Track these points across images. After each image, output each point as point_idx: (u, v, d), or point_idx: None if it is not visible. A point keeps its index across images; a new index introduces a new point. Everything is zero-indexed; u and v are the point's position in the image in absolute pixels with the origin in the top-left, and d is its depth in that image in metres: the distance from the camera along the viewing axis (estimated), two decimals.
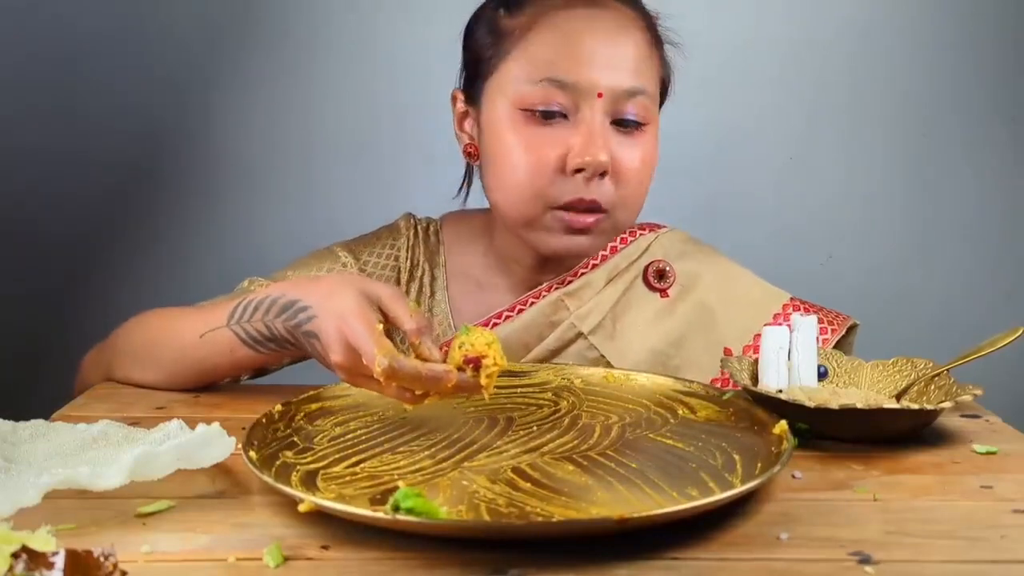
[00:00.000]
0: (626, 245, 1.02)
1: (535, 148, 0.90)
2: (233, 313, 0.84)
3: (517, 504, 0.60)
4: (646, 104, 0.92)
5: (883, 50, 1.65)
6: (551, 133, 0.90)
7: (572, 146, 0.89)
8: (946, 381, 0.80)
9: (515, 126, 0.91)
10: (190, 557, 0.55)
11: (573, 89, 0.89)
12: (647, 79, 0.92)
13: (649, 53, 0.93)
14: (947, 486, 0.67)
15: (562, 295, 0.99)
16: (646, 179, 0.94)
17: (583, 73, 0.89)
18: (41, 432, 0.73)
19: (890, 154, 1.68)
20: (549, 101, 0.89)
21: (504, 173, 0.92)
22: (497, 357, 0.71)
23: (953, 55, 1.65)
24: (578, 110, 0.90)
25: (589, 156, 0.88)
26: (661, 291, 1.00)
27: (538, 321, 0.99)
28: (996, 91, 1.67)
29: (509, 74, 0.92)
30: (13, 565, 0.43)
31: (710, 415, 0.78)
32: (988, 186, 1.69)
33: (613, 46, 0.90)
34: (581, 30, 0.90)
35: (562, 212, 0.90)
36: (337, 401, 0.81)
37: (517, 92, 0.90)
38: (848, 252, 1.68)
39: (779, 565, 0.54)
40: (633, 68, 0.90)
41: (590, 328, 0.98)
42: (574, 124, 0.90)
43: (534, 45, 0.91)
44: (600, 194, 0.90)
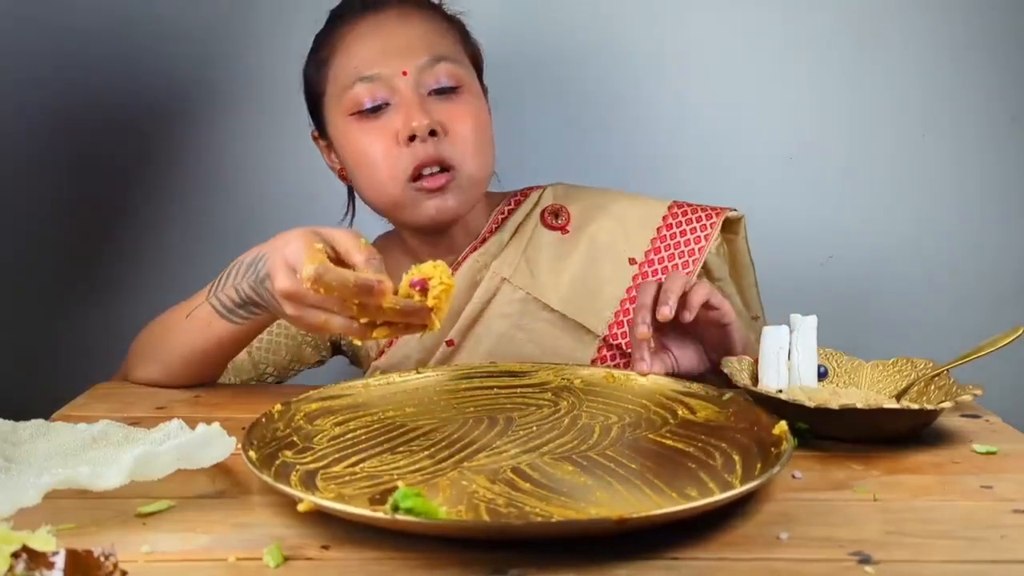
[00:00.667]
0: (519, 205, 1.11)
1: (374, 137, 0.99)
2: (212, 286, 0.89)
3: (516, 504, 0.60)
4: (451, 70, 1.01)
5: (883, 50, 1.65)
6: (383, 122, 0.99)
7: (400, 121, 0.98)
8: (946, 381, 0.80)
9: (354, 131, 1.01)
10: (190, 557, 0.55)
11: (382, 78, 0.99)
12: (445, 48, 1.02)
13: (442, 28, 1.04)
14: (947, 486, 0.67)
15: (478, 256, 1.07)
16: (479, 132, 1.01)
17: (385, 62, 0.99)
18: (41, 432, 0.73)
19: (890, 154, 1.68)
20: (369, 95, 0.99)
21: (362, 169, 1.01)
22: (444, 276, 0.72)
23: (953, 54, 1.65)
24: (395, 93, 0.99)
25: (414, 122, 0.97)
26: (560, 228, 1.09)
27: (462, 285, 1.05)
28: (996, 91, 1.67)
29: (333, 93, 1.03)
30: (13, 565, 0.43)
31: (710, 415, 0.78)
32: (988, 186, 1.69)
33: (403, 32, 1.01)
34: (373, 30, 1.01)
35: (416, 182, 0.98)
36: (337, 401, 0.81)
37: (342, 102, 1.01)
38: (848, 252, 1.67)
39: (779, 565, 0.54)
40: (427, 43, 1.01)
41: (510, 273, 1.06)
42: (396, 107, 0.99)
43: (341, 58, 1.02)
44: (438, 151, 0.98)
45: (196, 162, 1.64)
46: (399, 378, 0.85)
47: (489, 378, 0.87)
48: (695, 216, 1.10)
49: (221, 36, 1.61)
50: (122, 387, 0.94)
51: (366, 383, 0.84)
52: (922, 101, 1.66)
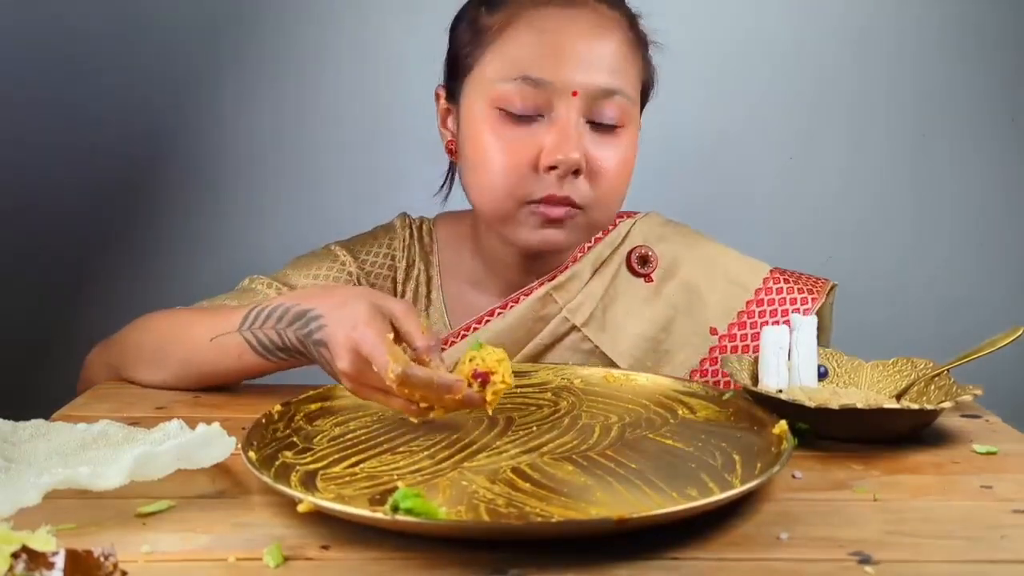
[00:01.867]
0: (606, 235, 1.03)
1: (510, 148, 0.90)
2: (246, 319, 0.84)
3: (516, 504, 0.60)
4: (623, 105, 0.91)
5: (883, 50, 1.65)
6: (526, 132, 0.90)
7: (545, 144, 0.89)
8: (946, 381, 0.80)
9: (492, 125, 0.91)
10: (190, 557, 0.55)
11: (548, 87, 0.89)
12: (625, 80, 0.92)
13: (628, 54, 0.93)
14: (947, 486, 0.67)
15: (550, 289, 1.00)
16: (622, 179, 0.94)
17: (558, 72, 0.89)
18: (41, 432, 0.73)
19: (890, 154, 1.68)
20: (524, 99, 0.89)
21: (480, 172, 0.92)
22: (506, 375, 0.72)
23: (954, 55, 1.65)
24: (553, 109, 0.89)
25: (561, 154, 0.88)
26: (645, 276, 1.01)
27: (528, 317, 0.99)
28: (996, 91, 1.67)
29: (486, 72, 0.92)
30: (13, 565, 0.43)
31: (710, 415, 0.78)
32: (988, 186, 1.69)
33: (590, 45, 0.90)
34: (557, 28, 0.90)
35: (535, 205, 0.91)
36: (337, 401, 0.81)
37: (493, 90, 0.91)
38: (848, 252, 1.68)
39: (779, 565, 0.54)
40: (610, 68, 0.90)
41: (583, 320, 0.99)
42: (549, 123, 0.90)
43: (510, 43, 0.91)
44: (573, 191, 0.90)
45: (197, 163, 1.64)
46: None
47: None
48: (795, 288, 1.02)
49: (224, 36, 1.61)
50: (122, 387, 0.94)
51: None
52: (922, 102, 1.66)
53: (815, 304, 1.01)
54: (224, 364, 0.88)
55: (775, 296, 1.02)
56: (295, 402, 0.78)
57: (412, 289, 1.05)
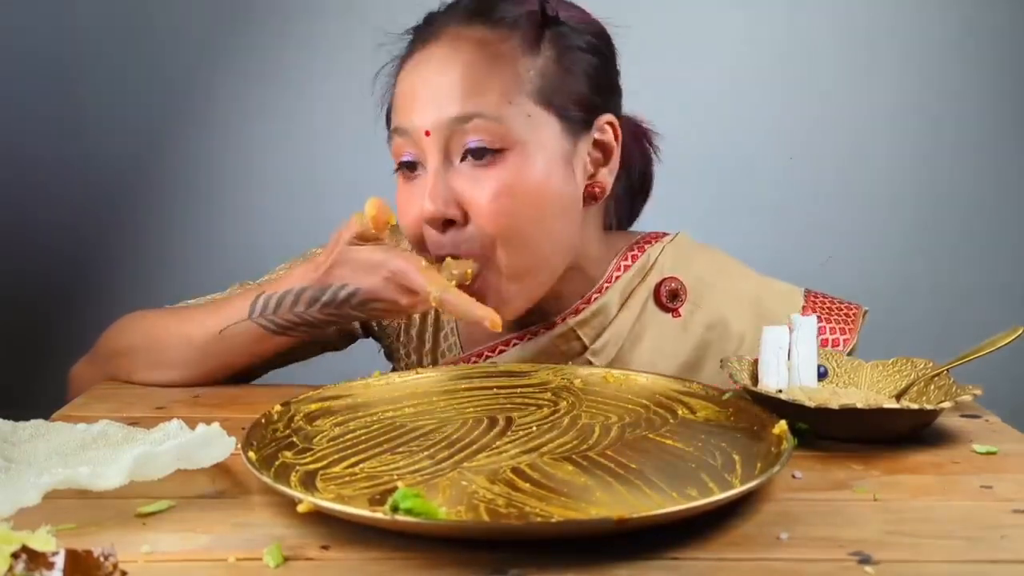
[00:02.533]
0: (635, 262, 0.96)
1: (407, 202, 0.87)
2: (254, 308, 0.88)
3: (516, 504, 0.60)
4: (489, 127, 0.82)
5: (884, 49, 1.65)
6: (414, 186, 0.87)
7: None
8: (946, 381, 0.80)
9: (400, 183, 0.90)
10: (190, 557, 0.55)
11: (408, 135, 0.85)
12: (484, 99, 0.82)
13: (490, 68, 0.83)
14: (947, 486, 0.67)
15: (574, 325, 0.94)
16: (515, 212, 0.83)
17: (410, 115, 0.85)
18: (41, 432, 0.73)
19: (890, 154, 1.68)
20: (399, 152, 0.87)
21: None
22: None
23: (955, 54, 1.65)
24: (423, 155, 0.85)
25: (425, 208, 0.83)
26: (673, 311, 0.94)
27: (549, 351, 0.94)
28: (998, 91, 1.67)
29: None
30: (13, 565, 0.43)
31: (710, 415, 0.78)
32: (988, 186, 1.69)
33: (436, 79, 0.84)
34: (411, 74, 0.87)
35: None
36: (336, 401, 0.81)
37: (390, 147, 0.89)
38: (848, 252, 1.68)
39: (779, 565, 0.54)
40: (460, 94, 0.82)
41: (606, 362, 0.94)
42: (426, 174, 0.85)
43: (394, 96, 0.90)
44: (455, 243, 0.84)
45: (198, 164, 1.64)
46: (399, 378, 0.85)
47: (489, 378, 0.87)
48: (828, 324, 0.95)
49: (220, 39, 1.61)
50: (122, 387, 0.94)
51: (366, 383, 0.84)
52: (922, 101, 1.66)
53: (847, 345, 0.95)
54: (249, 351, 0.91)
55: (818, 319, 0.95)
56: (295, 402, 0.78)
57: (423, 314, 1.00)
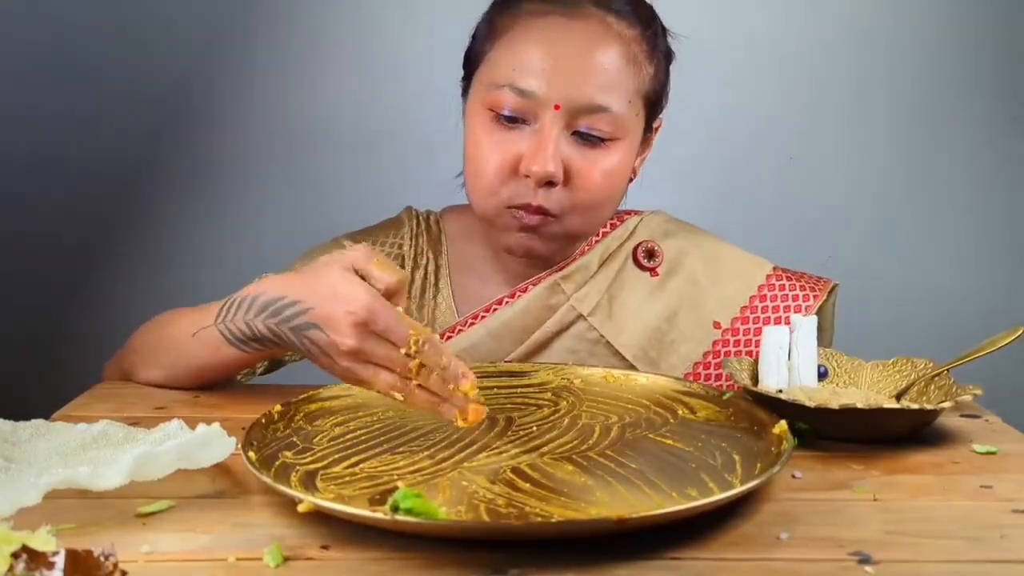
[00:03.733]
0: (614, 229, 1.05)
1: (496, 150, 0.92)
2: (220, 311, 0.83)
3: (516, 504, 0.60)
4: (611, 120, 0.91)
5: (884, 49, 1.65)
6: (513, 137, 0.92)
7: (524, 152, 0.91)
8: (946, 381, 0.80)
9: (483, 125, 0.93)
10: (190, 557, 0.55)
11: (531, 97, 0.90)
12: (616, 96, 0.91)
13: (625, 68, 0.92)
14: (947, 486, 0.67)
15: (557, 279, 1.01)
16: (605, 191, 0.94)
17: (543, 84, 0.90)
18: (41, 432, 0.73)
19: (890, 154, 1.68)
20: (510, 106, 0.91)
21: (470, 169, 0.96)
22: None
23: (954, 54, 1.65)
24: (537, 118, 0.91)
25: (536, 166, 0.90)
26: (651, 270, 1.02)
27: (535, 305, 1.00)
28: (997, 90, 1.67)
29: (485, 74, 0.94)
30: (13, 565, 0.43)
31: (710, 415, 0.78)
32: (989, 186, 1.69)
33: (580, 59, 0.90)
34: (551, 40, 0.91)
35: (514, 210, 0.93)
36: (337, 401, 0.81)
37: (487, 93, 0.93)
38: (848, 252, 1.68)
39: (779, 565, 0.54)
40: (599, 84, 0.90)
41: (589, 309, 1.00)
42: (533, 131, 0.91)
43: (508, 48, 0.92)
44: (548, 200, 0.92)
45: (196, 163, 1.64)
46: None
47: (489, 378, 0.87)
48: (798, 285, 1.04)
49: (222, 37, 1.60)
50: (122, 387, 0.94)
51: None
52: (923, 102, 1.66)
53: (816, 302, 1.02)
54: (206, 359, 0.87)
55: (777, 293, 1.03)
56: (295, 402, 0.78)
57: (421, 278, 1.06)
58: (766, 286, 1.03)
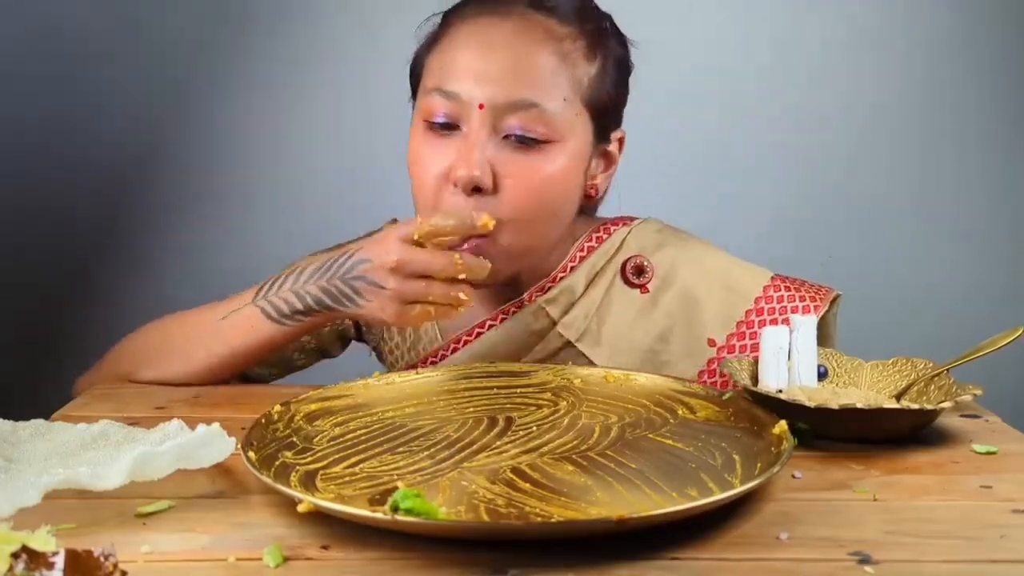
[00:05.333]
0: (600, 244, 0.99)
1: (429, 160, 0.89)
2: (260, 290, 0.89)
3: (516, 504, 0.60)
4: (546, 119, 0.87)
5: (883, 49, 1.65)
6: (443, 145, 0.89)
7: (454, 157, 0.88)
8: (946, 381, 0.80)
9: (420, 136, 0.91)
10: (190, 557, 0.55)
11: (456, 100, 0.87)
12: (545, 92, 0.88)
13: (558, 65, 0.89)
14: (947, 486, 0.67)
15: (542, 303, 0.97)
16: (542, 198, 0.89)
17: (465, 83, 0.87)
18: (41, 432, 0.73)
19: (890, 154, 1.68)
20: (440, 111, 0.88)
21: (413, 185, 0.92)
22: None
23: (954, 54, 1.65)
24: (467, 122, 0.88)
25: (462, 170, 0.86)
26: (641, 287, 0.98)
27: (520, 331, 0.97)
28: (997, 91, 1.67)
29: (423, 83, 0.93)
30: (13, 565, 0.43)
31: (710, 415, 0.78)
32: (988, 186, 1.69)
33: (504, 57, 0.88)
34: (479, 41, 0.89)
35: None
36: (336, 401, 0.81)
37: (423, 101, 0.91)
38: (848, 252, 1.68)
39: (779, 565, 0.54)
40: (526, 81, 0.87)
41: (577, 335, 0.97)
42: (462, 137, 0.88)
43: (440, 55, 0.91)
44: (474, 208, 0.86)
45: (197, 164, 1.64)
46: (399, 378, 0.85)
47: (489, 378, 0.87)
48: (797, 296, 0.98)
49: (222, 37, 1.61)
50: (122, 387, 0.94)
51: (366, 383, 0.84)
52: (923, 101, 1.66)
53: (817, 312, 0.97)
54: (238, 342, 0.90)
55: (775, 305, 0.98)
56: (295, 402, 0.78)
57: None
58: (763, 298, 0.98)
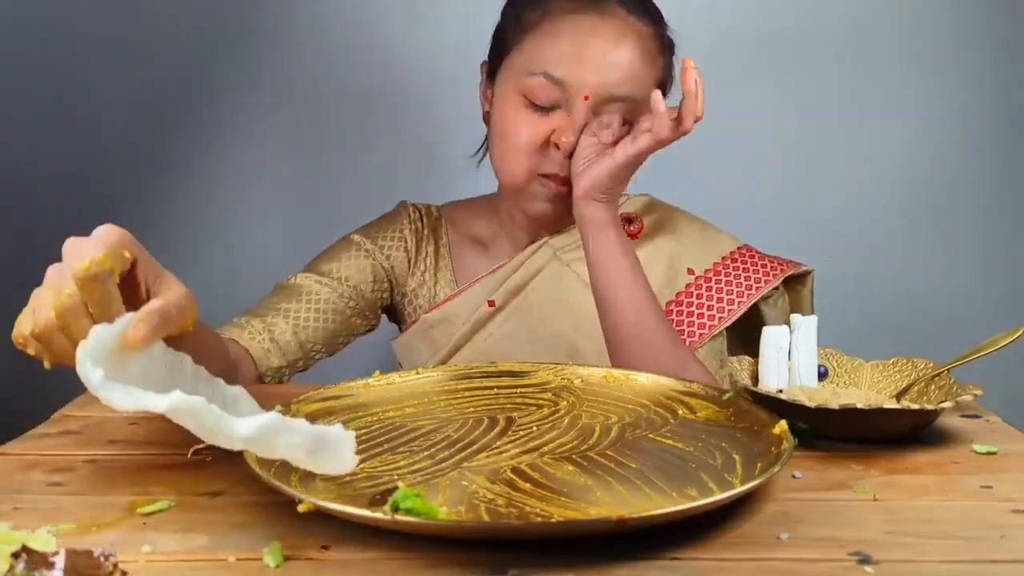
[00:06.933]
0: None
1: (527, 126, 1.02)
2: None
3: (516, 504, 0.60)
4: (635, 109, 1.01)
5: (883, 49, 1.65)
6: (544, 118, 1.02)
7: (556, 127, 1.01)
8: (946, 381, 0.80)
9: (515, 106, 1.03)
10: (190, 557, 0.55)
11: (563, 86, 1.00)
12: (637, 87, 1.01)
13: (645, 62, 1.03)
14: (947, 486, 0.67)
15: (552, 243, 1.12)
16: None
17: (574, 74, 1.00)
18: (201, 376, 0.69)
19: (890, 154, 1.68)
20: (544, 93, 1.01)
21: (503, 144, 1.05)
22: None
23: (953, 54, 1.65)
24: (567, 105, 1.01)
25: (566, 138, 1.00)
26: (632, 234, 1.12)
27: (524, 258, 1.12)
28: (997, 91, 1.67)
29: (518, 61, 1.04)
30: (13, 565, 0.43)
31: (710, 415, 0.78)
32: (988, 186, 1.69)
33: (607, 54, 1.01)
34: (582, 34, 1.01)
35: (543, 179, 1.03)
36: (337, 402, 0.81)
37: (521, 80, 1.02)
38: (848, 252, 1.68)
39: (779, 565, 0.54)
40: (623, 77, 1.01)
41: (570, 259, 1.10)
42: (563, 114, 1.02)
43: (541, 40, 1.02)
44: (564, 165, 1.01)
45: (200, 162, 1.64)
46: (399, 378, 0.86)
47: (489, 378, 0.87)
48: (760, 264, 1.13)
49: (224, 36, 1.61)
50: None
51: (366, 383, 0.84)
52: (922, 102, 1.66)
53: (780, 276, 1.11)
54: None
55: (744, 263, 1.12)
56: (295, 402, 0.78)
57: (423, 260, 1.17)
58: (732, 257, 1.13)
